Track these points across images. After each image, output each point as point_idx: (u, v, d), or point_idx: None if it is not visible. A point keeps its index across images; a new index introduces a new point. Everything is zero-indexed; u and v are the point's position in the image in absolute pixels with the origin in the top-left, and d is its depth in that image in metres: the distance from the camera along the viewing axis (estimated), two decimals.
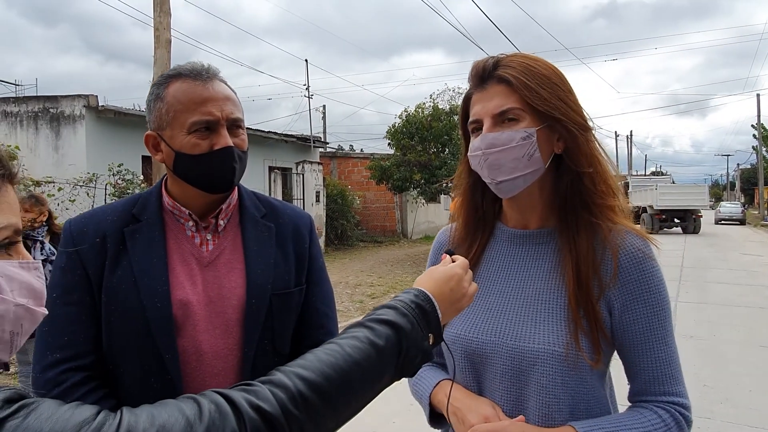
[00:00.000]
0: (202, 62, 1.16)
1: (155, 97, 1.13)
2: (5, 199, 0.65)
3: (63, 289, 1.10)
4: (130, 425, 0.53)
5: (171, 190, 1.19)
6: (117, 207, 1.19)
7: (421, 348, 0.76)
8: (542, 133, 1.01)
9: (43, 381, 1.05)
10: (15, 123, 11.78)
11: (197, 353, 1.10)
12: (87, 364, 1.07)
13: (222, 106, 1.10)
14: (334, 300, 1.32)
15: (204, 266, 1.15)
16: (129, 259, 1.11)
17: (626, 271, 1.01)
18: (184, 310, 1.10)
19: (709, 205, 28.36)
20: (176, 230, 1.17)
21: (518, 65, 1.02)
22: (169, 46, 7.12)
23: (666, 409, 0.98)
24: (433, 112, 13.78)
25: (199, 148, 1.09)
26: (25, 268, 0.67)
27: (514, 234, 1.13)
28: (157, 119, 1.13)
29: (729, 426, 3.86)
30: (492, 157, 1.02)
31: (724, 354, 5.57)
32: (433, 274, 0.87)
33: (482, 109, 1.04)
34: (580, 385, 1.00)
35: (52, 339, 1.07)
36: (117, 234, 1.13)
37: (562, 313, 1.02)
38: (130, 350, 1.08)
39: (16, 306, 0.64)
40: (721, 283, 9.91)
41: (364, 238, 18.87)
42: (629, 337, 1.01)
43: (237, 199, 1.24)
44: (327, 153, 20.71)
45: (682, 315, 7.27)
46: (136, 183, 9.75)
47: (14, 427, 0.49)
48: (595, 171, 1.03)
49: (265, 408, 0.60)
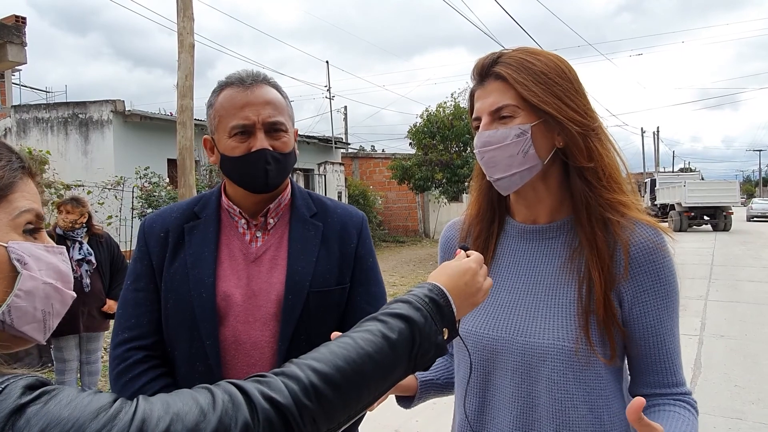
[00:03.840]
0: (252, 69, 1.23)
1: (209, 104, 1.23)
2: (27, 189, 0.70)
3: (134, 276, 1.23)
4: (145, 412, 0.54)
5: (227, 190, 1.28)
6: (182, 205, 1.30)
7: (435, 342, 0.76)
8: (539, 128, 1.00)
9: (113, 357, 1.19)
10: (46, 129, 12.13)
11: (236, 343, 1.17)
12: (149, 344, 1.19)
13: (260, 110, 1.16)
14: (383, 299, 1.31)
15: (250, 262, 1.22)
16: (185, 252, 1.21)
17: (637, 263, 1.00)
18: (226, 302, 1.17)
19: (740, 201, 27.60)
20: (229, 227, 1.25)
21: (515, 61, 1.01)
22: (192, 51, 7.23)
23: (686, 401, 0.99)
24: (454, 110, 13.73)
25: (237, 151, 1.17)
26: (51, 252, 0.71)
27: (524, 229, 1.12)
28: (209, 124, 1.24)
29: (761, 427, 3.75)
30: (488, 155, 1.03)
31: (756, 354, 5.42)
32: (447, 268, 0.87)
33: (481, 106, 1.04)
34: (596, 381, 0.99)
35: (123, 320, 1.21)
36: (178, 229, 1.24)
37: (571, 308, 1.01)
38: (181, 335, 1.18)
39: (44, 284, 0.68)
40: (753, 281, 9.63)
41: (387, 238, 18.88)
42: (639, 329, 1.00)
43: (289, 198, 1.29)
44: (349, 153, 20.80)
45: (712, 314, 7.10)
46: (162, 186, 9.94)
47: (35, 413, 0.51)
48: (597, 165, 1.02)
49: (278, 399, 0.60)
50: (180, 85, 7.05)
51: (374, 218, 17.81)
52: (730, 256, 13.31)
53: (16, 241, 0.66)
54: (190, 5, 7.24)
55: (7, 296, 0.64)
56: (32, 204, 0.70)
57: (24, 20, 6.47)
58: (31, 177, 0.71)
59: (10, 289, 0.64)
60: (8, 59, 6.11)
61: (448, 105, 14.07)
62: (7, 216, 0.66)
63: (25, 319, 0.66)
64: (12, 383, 0.53)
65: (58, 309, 0.71)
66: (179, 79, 7.09)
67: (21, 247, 0.66)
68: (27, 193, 0.69)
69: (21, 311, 0.65)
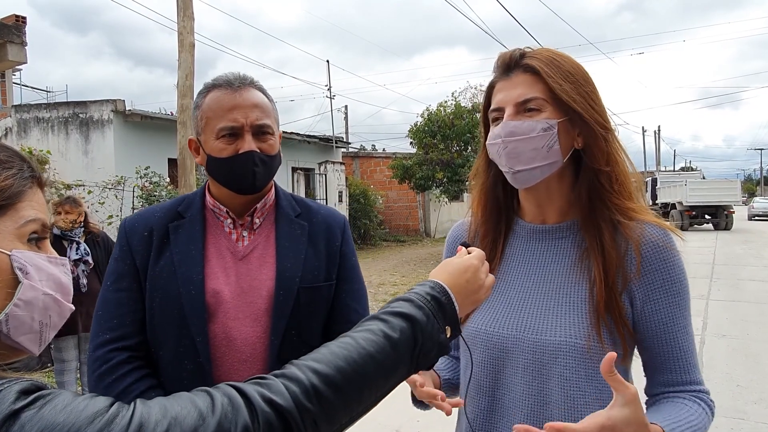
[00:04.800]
0: (239, 72, 1.24)
1: (196, 105, 1.24)
2: (35, 198, 0.70)
3: (116, 276, 1.22)
4: (142, 417, 0.53)
5: (212, 190, 1.28)
6: (165, 205, 1.30)
7: (437, 340, 0.75)
8: (563, 126, 1.01)
9: (93, 358, 1.17)
10: (46, 128, 12.12)
11: (227, 339, 1.17)
12: (132, 345, 1.18)
13: (248, 113, 1.18)
14: (366, 298, 1.36)
15: (238, 260, 1.23)
16: (171, 251, 1.21)
17: (648, 262, 1.01)
18: (216, 299, 1.18)
19: (741, 200, 27.55)
20: (215, 227, 1.26)
21: (545, 57, 1.03)
22: (192, 50, 7.23)
23: (702, 399, 0.98)
24: (455, 110, 13.70)
25: (225, 152, 1.18)
26: (54, 263, 0.71)
27: (533, 229, 1.13)
28: (195, 125, 1.24)
29: (763, 427, 3.74)
30: (511, 146, 1.02)
31: (757, 353, 5.40)
32: (448, 266, 0.86)
33: (505, 97, 1.04)
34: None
35: (104, 321, 1.19)
36: (163, 229, 1.24)
37: (583, 306, 1.01)
38: (169, 333, 1.17)
39: (44, 295, 0.67)
40: (755, 280, 9.62)
41: (387, 237, 18.88)
42: (652, 328, 1.01)
43: (274, 199, 1.32)
44: (349, 153, 20.79)
45: (714, 313, 7.09)
46: (162, 185, 9.94)
47: (29, 418, 0.50)
48: (612, 170, 1.03)
49: (278, 401, 0.59)
50: (180, 85, 7.05)
51: (375, 218, 17.79)
52: (731, 256, 13.29)
53: (20, 250, 0.66)
54: (190, 5, 7.23)
55: (7, 305, 0.63)
56: (39, 214, 0.69)
57: (24, 20, 6.46)
58: (40, 187, 0.71)
59: (10, 298, 0.63)
60: (8, 59, 6.10)
61: (449, 104, 14.04)
62: (13, 224, 0.66)
63: (21, 330, 0.65)
64: (6, 388, 0.52)
65: (56, 321, 0.70)
66: (180, 78, 7.09)
67: (24, 257, 0.66)
68: (35, 203, 0.69)
69: (18, 321, 0.64)
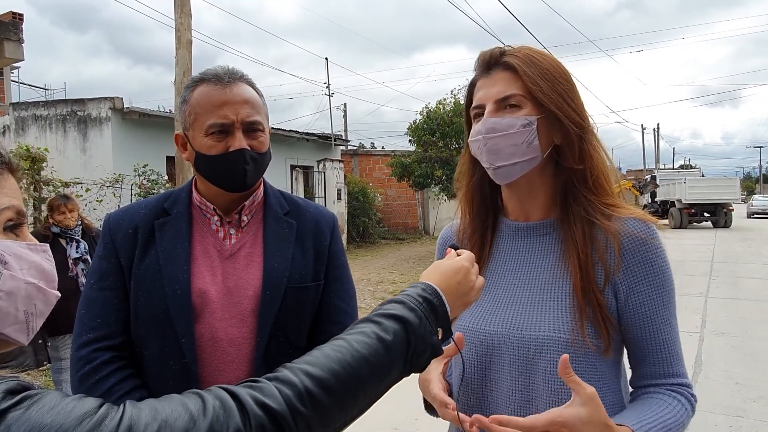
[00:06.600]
0: (228, 66, 1.21)
1: (183, 100, 1.20)
2: (7, 185, 0.67)
3: (99, 275, 1.19)
4: (132, 419, 0.52)
5: (199, 187, 1.25)
6: (150, 202, 1.26)
7: (430, 342, 0.75)
8: (542, 122, 1.03)
9: (77, 358, 1.14)
10: (44, 126, 12.09)
11: (213, 340, 1.15)
12: (116, 345, 1.15)
13: (238, 109, 1.15)
14: (354, 298, 1.34)
15: (225, 258, 1.20)
16: (156, 249, 1.18)
17: (629, 254, 1.01)
18: (202, 298, 1.15)
19: (741, 198, 27.55)
20: (202, 224, 1.23)
21: (524, 55, 1.05)
22: (190, 47, 7.21)
23: (680, 393, 0.99)
24: (454, 107, 13.68)
25: (215, 150, 1.15)
26: (34, 250, 0.69)
27: (518, 227, 1.14)
28: (183, 121, 1.20)
29: (762, 424, 3.74)
30: (491, 142, 1.04)
31: (756, 351, 5.41)
32: (440, 267, 0.86)
33: (485, 94, 1.06)
34: (591, 371, 1.00)
35: (87, 320, 1.16)
36: (148, 226, 1.20)
37: (566, 300, 1.02)
38: (153, 333, 1.14)
39: (26, 284, 0.65)
40: (753, 278, 9.63)
41: (386, 235, 18.87)
42: (635, 320, 1.01)
43: (262, 196, 1.29)
44: (348, 151, 20.76)
45: (713, 311, 7.10)
46: (161, 183, 9.91)
47: (16, 419, 0.48)
48: (586, 168, 1.05)
49: (271, 405, 0.59)
50: (178, 82, 7.04)
51: (374, 215, 17.78)
52: (730, 253, 13.30)
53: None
54: (187, 1, 7.21)
55: None
56: (13, 201, 0.67)
57: (21, 17, 6.44)
58: (11, 173, 0.68)
59: None
60: (5, 56, 6.08)
61: (447, 102, 14.02)
62: None
63: (6, 321, 0.63)
64: None
65: (42, 309, 0.68)
66: (177, 75, 7.08)
67: (2, 246, 0.64)
68: (8, 190, 0.67)
69: (2, 312, 0.62)
